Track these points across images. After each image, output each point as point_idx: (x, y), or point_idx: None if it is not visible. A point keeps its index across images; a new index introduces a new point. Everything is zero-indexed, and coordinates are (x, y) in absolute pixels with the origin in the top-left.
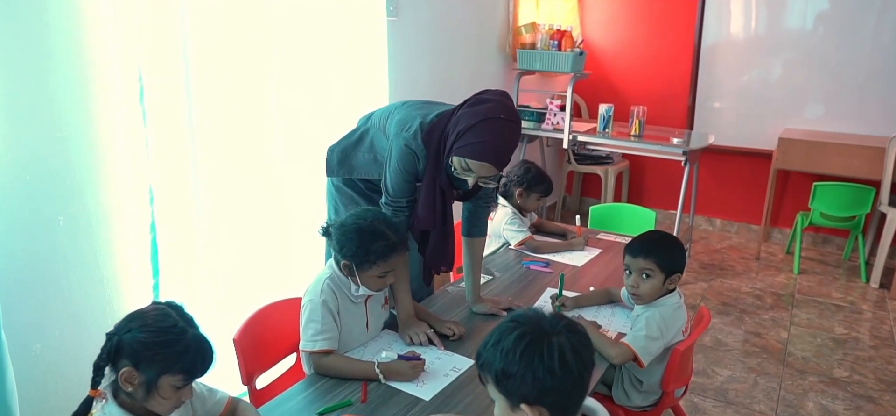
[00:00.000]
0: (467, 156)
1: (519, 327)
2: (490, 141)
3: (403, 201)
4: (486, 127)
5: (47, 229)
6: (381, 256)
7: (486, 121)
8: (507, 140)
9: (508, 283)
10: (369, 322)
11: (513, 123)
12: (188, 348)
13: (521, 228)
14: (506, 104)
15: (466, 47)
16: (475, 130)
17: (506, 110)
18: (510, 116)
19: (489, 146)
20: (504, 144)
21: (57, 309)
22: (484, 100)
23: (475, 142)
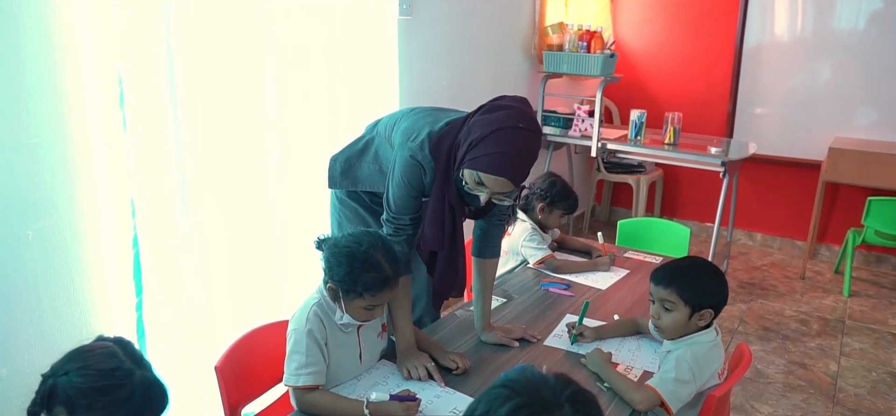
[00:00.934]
0: (480, 169)
1: (514, 396)
2: (506, 153)
3: (406, 219)
4: (502, 137)
5: (14, 245)
6: (370, 288)
7: (501, 131)
8: (526, 152)
9: (524, 307)
10: (363, 353)
11: (532, 132)
12: (133, 394)
13: (540, 245)
14: (524, 112)
15: (488, 49)
16: (489, 141)
17: (524, 119)
18: (529, 126)
19: (505, 159)
20: (521, 156)
21: (25, 331)
22: (500, 107)
23: (489, 154)
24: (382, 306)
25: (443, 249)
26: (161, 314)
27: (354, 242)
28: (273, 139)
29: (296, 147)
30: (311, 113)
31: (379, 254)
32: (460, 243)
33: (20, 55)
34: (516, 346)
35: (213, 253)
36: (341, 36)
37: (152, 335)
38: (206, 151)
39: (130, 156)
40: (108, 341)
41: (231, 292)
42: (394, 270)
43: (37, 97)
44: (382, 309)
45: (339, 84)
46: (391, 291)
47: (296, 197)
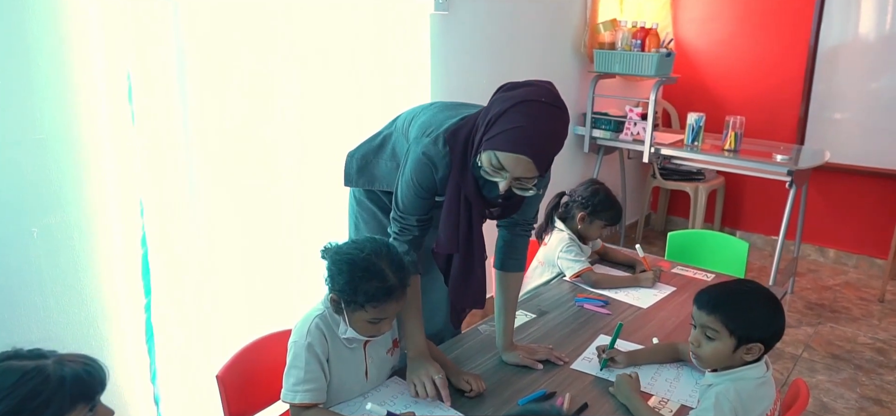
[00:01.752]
0: (498, 148)
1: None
2: (525, 128)
3: (412, 220)
4: (523, 110)
5: (19, 242)
6: (372, 299)
7: (521, 104)
8: (550, 128)
9: (554, 324)
10: (369, 370)
11: (557, 108)
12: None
13: (578, 257)
14: (548, 89)
15: (533, 46)
16: (509, 115)
17: (548, 95)
18: (554, 102)
19: (524, 135)
20: (544, 133)
21: (30, 330)
22: (521, 84)
23: (507, 130)
24: (389, 320)
25: (458, 251)
26: (170, 317)
27: (356, 248)
28: (291, 139)
29: (315, 148)
30: (332, 112)
31: (382, 262)
32: (478, 247)
33: (27, 48)
34: (540, 368)
35: (224, 255)
36: (367, 31)
37: (161, 338)
38: (218, 150)
39: (139, 153)
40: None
41: (242, 297)
42: (399, 279)
43: (44, 91)
44: (389, 324)
45: (365, 83)
46: (397, 302)
47: (313, 200)
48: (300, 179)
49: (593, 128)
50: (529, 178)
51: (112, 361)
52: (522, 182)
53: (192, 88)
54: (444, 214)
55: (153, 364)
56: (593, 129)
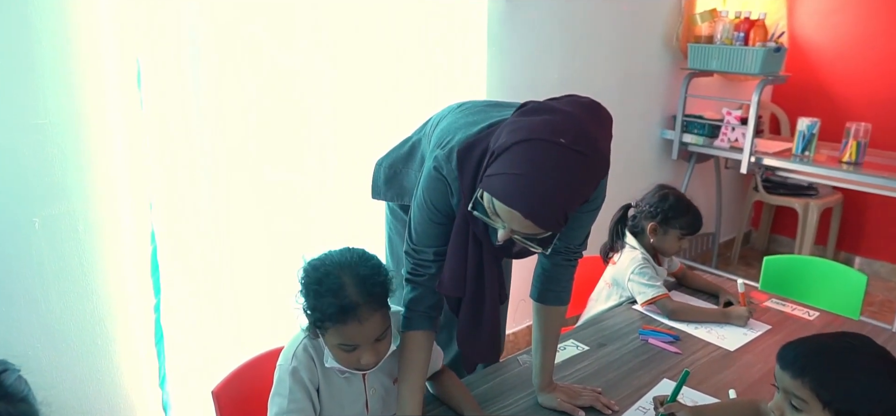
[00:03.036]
0: (492, 192)
1: None
2: (524, 176)
3: (429, 253)
4: (527, 153)
5: (19, 232)
6: (332, 319)
7: (527, 144)
8: (562, 181)
9: (610, 360)
10: (371, 402)
11: (580, 155)
12: None
13: (652, 281)
14: (577, 122)
15: (615, 39)
16: (510, 155)
17: (572, 132)
18: (576, 144)
19: (520, 185)
20: (553, 186)
21: (30, 324)
22: (546, 108)
23: (503, 174)
24: (369, 351)
25: (463, 294)
26: (180, 319)
27: (327, 258)
28: (319, 137)
29: (347, 148)
30: (366, 110)
31: (346, 275)
32: (491, 292)
33: (30, 27)
34: (581, 415)
35: (239, 257)
36: (410, 16)
37: (171, 341)
38: (235, 144)
39: (149, 142)
40: None
41: (258, 302)
42: (362, 298)
43: (48, 74)
44: (372, 355)
45: (405, 77)
46: (361, 325)
47: (344, 205)
48: (329, 180)
49: (684, 132)
50: (531, 234)
51: (120, 362)
52: (523, 237)
53: (207, 74)
54: (449, 247)
55: (162, 368)
56: (684, 133)
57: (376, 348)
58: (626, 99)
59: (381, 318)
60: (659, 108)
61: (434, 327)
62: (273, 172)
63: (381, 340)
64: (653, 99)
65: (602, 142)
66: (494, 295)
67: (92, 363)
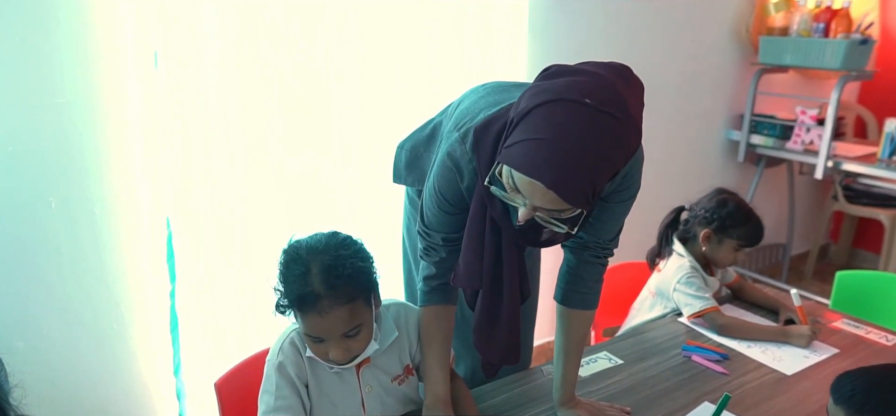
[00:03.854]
0: (512, 164)
1: None
2: (547, 142)
3: (438, 239)
4: (549, 115)
5: (35, 212)
6: (293, 306)
7: (552, 105)
8: (589, 146)
9: (646, 377)
10: (367, 402)
11: (609, 116)
12: None
13: (700, 293)
14: (606, 83)
15: (677, 30)
16: (531, 119)
17: (600, 92)
18: (603, 105)
19: (542, 151)
20: (579, 152)
21: (45, 305)
22: (568, 70)
23: (525, 139)
24: (336, 347)
25: (480, 287)
26: (195, 307)
27: (306, 240)
28: (342, 121)
29: (370, 135)
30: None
31: (314, 262)
32: (511, 285)
33: (49, 7)
34: None
35: (256, 247)
36: (447, 9)
37: (186, 328)
38: (253, 130)
39: (166, 126)
40: None
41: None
42: (325, 289)
43: (67, 52)
44: (340, 352)
45: (442, 73)
46: (322, 318)
47: (364, 192)
48: (351, 167)
49: (752, 133)
50: (556, 210)
51: (135, 348)
52: (548, 215)
53: (225, 59)
54: (465, 236)
55: (177, 356)
56: (752, 134)
57: (345, 344)
58: (688, 96)
59: (348, 313)
60: (724, 106)
61: (451, 299)
62: (293, 159)
63: (352, 336)
64: (718, 96)
65: (635, 107)
66: (514, 290)
67: (107, 347)
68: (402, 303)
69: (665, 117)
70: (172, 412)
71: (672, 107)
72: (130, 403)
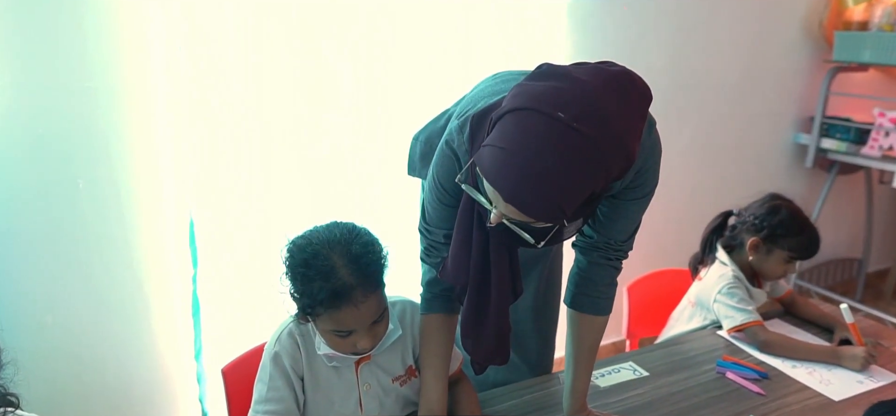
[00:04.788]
0: (479, 165)
1: None
2: (510, 153)
3: (440, 235)
4: (517, 125)
5: (64, 191)
6: (323, 305)
7: (520, 114)
8: (551, 164)
9: (673, 391)
10: (364, 401)
11: (580, 136)
12: None
13: (742, 305)
14: (587, 93)
15: (740, 23)
16: (501, 125)
17: (579, 106)
18: (579, 121)
19: (505, 162)
20: (539, 171)
21: (72, 283)
22: (555, 73)
23: (492, 145)
24: (366, 336)
25: (466, 283)
26: (216, 292)
27: (313, 236)
28: (364, 114)
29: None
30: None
31: (337, 255)
32: (500, 285)
33: None
34: None
35: (277, 234)
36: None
37: (207, 313)
38: (277, 117)
39: (191, 111)
40: None
41: None
42: (357, 279)
43: (96, 39)
44: (369, 340)
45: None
46: (356, 308)
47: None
48: (370, 158)
49: (823, 136)
50: (524, 221)
51: (157, 331)
52: (515, 224)
53: (249, 46)
54: (455, 228)
55: (198, 341)
56: (823, 138)
57: (373, 331)
58: (751, 96)
59: (378, 299)
60: (792, 107)
61: (454, 308)
62: (312, 150)
63: (378, 322)
64: (784, 96)
65: (620, 123)
66: (503, 289)
67: (131, 328)
68: (409, 300)
69: (724, 119)
70: (192, 395)
71: (733, 108)
72: (152, 385)
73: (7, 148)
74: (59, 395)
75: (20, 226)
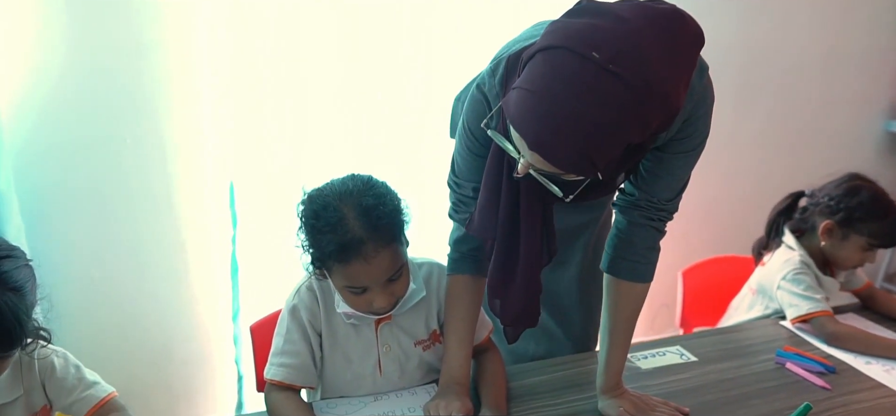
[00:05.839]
0: (506, 109)
1: None
2: (538, 96)
3: (469, 188)
4: (547, 65)
5: (110, 147)
6: (333, 258)
7: (551, 53)
8: (579, 110)
9: (723, 378)
10: (383, 363)
11: (615, 79)
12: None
13: (810, 292)
14: (628, 34)
15: None
16: (530, 66)
17: (616, 47)
18: (615, 63)
19: (531, 105)
20: (567, 113)
21: (118, 239)
22: (595, 10)
23: (519, 88)
24: (381, 294)
25: (493, 238)
26: (254, 255)
27: (326, 187)
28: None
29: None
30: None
31: (347, 206)
32: (529, 240)
33: None
34: None
35: None
36: None
37: (245, 276)
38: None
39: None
40: None
41: None
42: (367, 232)
43: None
44: (385, 298)
45: None
46: (368, 264)
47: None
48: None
49: None
50: (552, 172)
51: (197, 290)
52: (545, 173)
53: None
54: (483, 178)
55: (236, 302)
56: None
57: (390, 289)
58: (834, 75)
59: (392, 255)
60: (883, 92)
61: (482, 270)
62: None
63: (396, 280)
64: (874, 80)
65: (663, 67)
66: (534, 245)
67: (171, 287)
68: (436, 263)
69: (802, 101)
70: (229, 356)
71: (812, 89)
72: (191, 344)
73: (61, 104)
74: (102, 348)
75: (71, 179)
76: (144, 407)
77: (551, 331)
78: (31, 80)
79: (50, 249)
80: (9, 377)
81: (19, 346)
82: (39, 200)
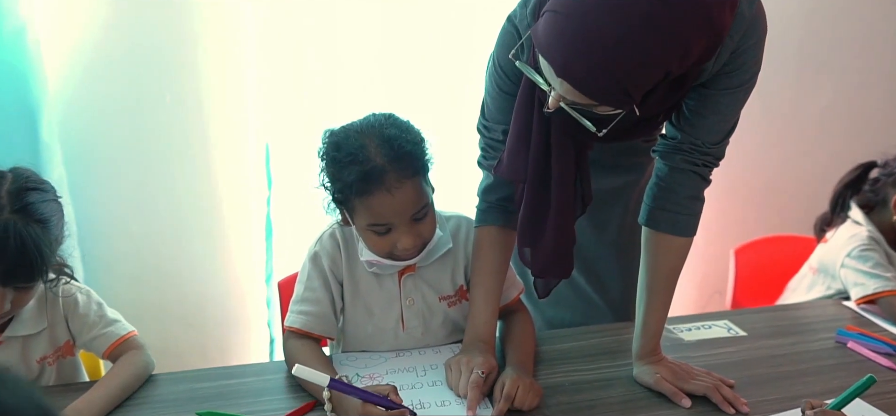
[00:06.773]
0: (534, 36)
1: None
2: (568, 18)
3: (498, 132)
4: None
5: (151, 105)
6: (353, 190)
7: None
8: (610, 31)
9: (774, 354)
10: (406, 317)
11: (664, 5)
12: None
13: (878, 271)
14: None
15: None
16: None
17: None
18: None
19: (560, 29)
20: (596, 34)
21: (156, 195)
22: None
23: (549, 11)
24: (407, 233)
25: (523, 180)
26: (288, 216)
27: (350, 124)
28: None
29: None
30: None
31: (367, 136)
32: (561, 184)
33: None
34: (687, 405)
35: None
36: None
37: (279, 238)
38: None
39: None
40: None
41: None
42: (389, 161)
43: None
44: (410, 238)
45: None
46: (391, 195)
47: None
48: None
49: None
50: (585, 104)
51: (232, 250)
52: (576, 106)
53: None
54: (513, 118)
55: (270, 264)
56: None
57: (414, 229)
58: None
59: (415, 189)
60: None
61: (511, 221)
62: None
63: (421, 220)
64: None
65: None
66: (566, 189)
67: (207, 245)
68: (465, 216)
69: (876, 79)
70: (262, 318)
71: (886, 63)
72: (225, 303)
73: (105, 58)
74: (139, 301)
75: (114, 133)
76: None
77: (588, 297)
78: (78, 36)
79: (90, 200)
80: (33, 309)
81: (41, 278)
82: (82, 152)
